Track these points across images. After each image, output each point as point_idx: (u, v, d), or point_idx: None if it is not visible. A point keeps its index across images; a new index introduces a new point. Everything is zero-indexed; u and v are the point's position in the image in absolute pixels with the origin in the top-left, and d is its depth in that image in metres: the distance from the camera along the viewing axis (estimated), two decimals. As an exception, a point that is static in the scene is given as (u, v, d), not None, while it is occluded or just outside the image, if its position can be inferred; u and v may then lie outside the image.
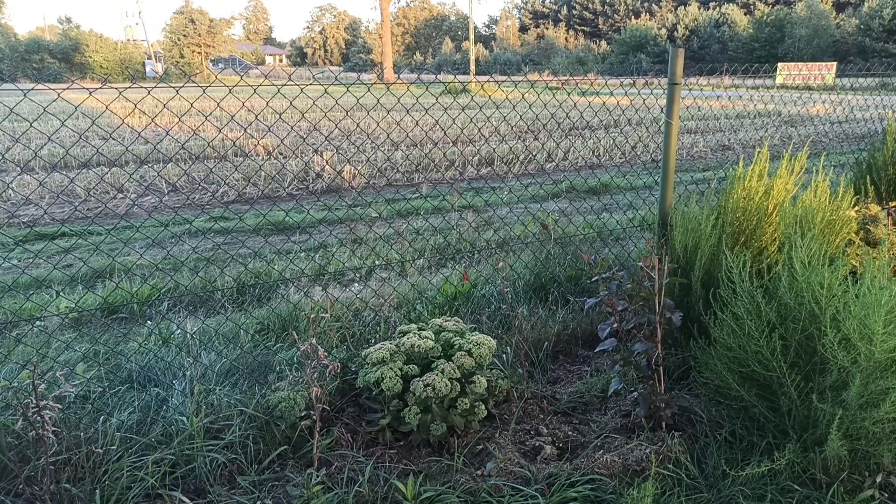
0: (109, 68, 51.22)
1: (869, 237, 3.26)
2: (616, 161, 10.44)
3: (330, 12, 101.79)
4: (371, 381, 2.62)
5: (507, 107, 5.47)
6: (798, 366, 2.37)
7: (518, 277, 4.09)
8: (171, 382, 2.89)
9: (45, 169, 9.23)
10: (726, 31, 55.46)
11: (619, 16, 71.88)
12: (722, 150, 11.84)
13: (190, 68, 53.18)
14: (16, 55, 51.47)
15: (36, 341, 3.52)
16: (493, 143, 11.50)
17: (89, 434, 2.45)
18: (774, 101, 19.14)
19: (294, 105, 3.41)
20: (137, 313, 4.15)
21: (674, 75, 3.34)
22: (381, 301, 3.73)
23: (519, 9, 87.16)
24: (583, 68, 51.60)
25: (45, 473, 2.17)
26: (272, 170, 9.38)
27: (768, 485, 2.28)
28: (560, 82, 18.76)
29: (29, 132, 12.43)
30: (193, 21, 67.81)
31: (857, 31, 47.20)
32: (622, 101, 4.79)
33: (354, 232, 5.92)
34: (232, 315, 4.07)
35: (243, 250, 5.55)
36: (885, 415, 2.12)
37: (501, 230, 6.05)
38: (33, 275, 4.95)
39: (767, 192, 3.09)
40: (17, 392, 2.36)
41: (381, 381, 2.58)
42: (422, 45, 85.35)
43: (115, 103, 13.87)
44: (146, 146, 10.61)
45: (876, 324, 2.08)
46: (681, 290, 3.11)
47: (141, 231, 5.91)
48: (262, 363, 3.14)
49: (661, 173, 3.53)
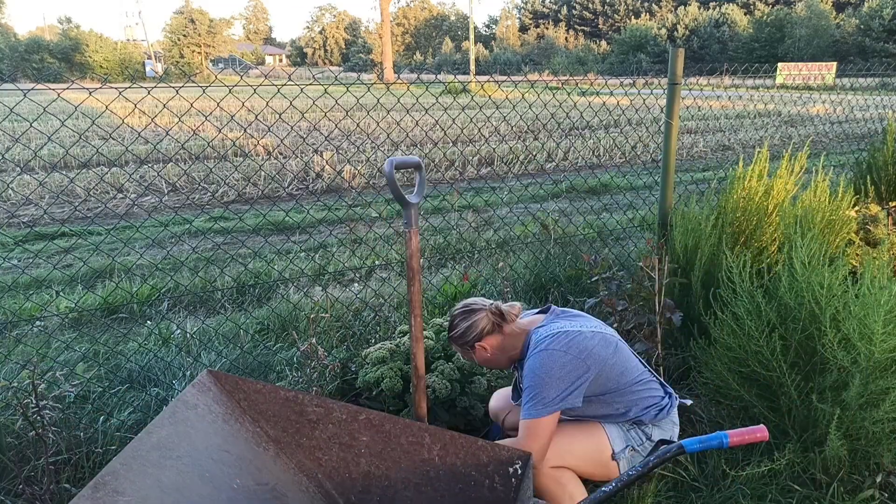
0: (109, 68, 51.23)
1: (869, 237, 3.26)
2: (616, 161, 10.44)
3: (330, 12, 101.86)
4: (371, 380, 2.62)
5: (507, 107, 5.47)
6: (798, 366, 2.37)
7: (518, 277, 4.09)
8: (171, 382, 2.89)
9: (44, 169, 9.23)
10: (726, 31, 55.47)
11: (619, 16, 71.90)
12: (722, 150, 11.84)
13: (190, 68, 53.20)
14: (16, 55, 51.48)
15: (36, 341, 3.52)
16: (493, 143, 11.50)
17: (89, 434, 2.45)
18: (774, 101, 19.14)
19: (294, 105, 3.41)
20: (137, 313, 4.15)
21: (674, 75, 3.34)
22: (381, 301, 3.73)
23: (519, 9, 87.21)
24: (583, 68, 51.59)
25: (45, 473, 2.18)
26: (272, 170, 9.38)
27: (768, 485, 2.29)
28: (560, 82, 18.74)
29: (29, 132, 12.43)
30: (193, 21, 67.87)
31: (857, 31, 47.20)
32: (622, 101, 4.79)
33: (354, 232, 5.92)
34: (232, 315, 4.07)
35: (243, 250, 5.55)
36: (884, 415, 2.12)
37: (501, 230, 6.05)
38: (33, 275, 4.94)
39: (767, 192, 3.09)
40: (17, 392, 2.36)
41: (381, 381, 2.58)
42: (422, 45, 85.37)
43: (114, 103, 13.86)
44: (146, 146, 10.60)
45: (876, 324, 2.08)
46: (681, 290, 3.12)
47: (141, 231, 5.91)
48: (261, 363, 3.14)
49: (661, 173, 3.52)
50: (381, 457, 1.88)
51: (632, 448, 2.01)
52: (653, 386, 2.07)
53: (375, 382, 2.60)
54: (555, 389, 1.88)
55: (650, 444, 2.02)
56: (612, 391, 1.99)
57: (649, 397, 2.04)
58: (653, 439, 2.03)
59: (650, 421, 2.04)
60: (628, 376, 2.00)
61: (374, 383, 2.61)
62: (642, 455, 2.01)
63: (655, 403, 2.04)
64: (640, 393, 2.02)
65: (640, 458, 2.01)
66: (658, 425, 2.06)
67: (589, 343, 1.95)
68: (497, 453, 1.81)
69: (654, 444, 2.02)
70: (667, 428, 2.07)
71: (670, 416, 2.08)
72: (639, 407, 2.02)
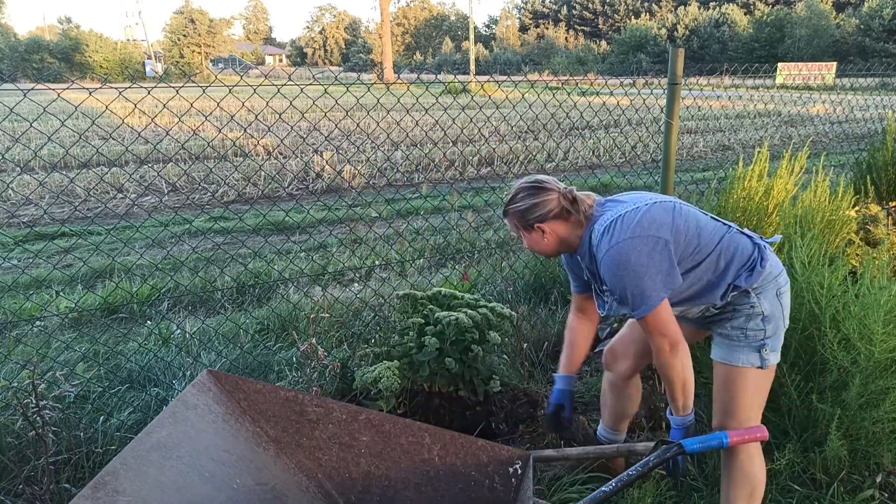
0: (109, 68, 51.21)
1: (869, 237, 3.26)
2: (616, 161, 10.44)
3: (330, 12, 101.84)
4: (368, 380, 2.61)
5: (507, 107, 5.45)
6: (798, 366, 2.37)
7: (518, 277, 4.09)
8: (171, 382, 2.89)
9: (44, 169, 9.23)
10: (726, 31, 55.46)
11: (619, 16, 71.89)
12: (722, 150, 11.84)
13: (190, 68, 53.20)
14: (16, 55, 51.47)
15: (36, 341, 3.52)
16: (493, 143, 11.50)
17: (89, 434, 2.45)
18: (774, 101, 19.14)
19: (294, 105, 3.41)
20: (137, 313, 4.15)
21: (674, 75, 3.34)
22: (381, 301, 3.73)
23: (519, 9, 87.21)
24: (583, 68, 51.57)
25: (45, 473, 2.17)
26: (272, 170, 9.38)
27: (768, 485, 2.28)
28: (560, 82, 18.74)
29: (29, 132, 12.43)
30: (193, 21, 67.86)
31: (857, 31, 47.20)
32: (622, 101, 4.78)
33: (354, 232, 5.92)
34: (232, 315, 4.07)
35: (243, 250, 5.55)
36: (884, 415, 2.12)
37: (501, 230, 6.05)
38: (33, 275, 4.94)
39: (767, 192, 3.09)
40: (17, 392, 2.36)
41: (379, 381, 2.58)
42: (422, 45, 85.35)
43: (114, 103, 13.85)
44: (146, 146, 10.60)
45: (876, 324, 2.08)
46: (681, 290, 3.11)
47: (141, 231, 5.91)
48: (261, 363, 3.14)
49: (661, 173, 3.53)
50: (381, 457, 1.88)
51: (762, 344, 1.86)
52: (736, 237, 1.89)
53: (373, 382, 2.60)
54: (649, 278, 1.75)
55: (762, 320, 1.86)
56: (696, 251, 1.84)
57: (738, 247, 1.87)
58: (764, 312, 1.85)
59: (749, 286, 1.85)
60: (705, 232, 1.86)
61: (372, 382, 2.60)
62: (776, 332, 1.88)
63: (748, 255, 1.86)
64: (725, 244, 1.86)
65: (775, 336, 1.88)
66: (760, 291, 1.86)
67: (647, 216, 1.80)
68: (497, 453, 1.81)
69: (765, 318, 1.86)
70: (768, 289, 1.86)
71: (766, 270, 1.87)
72: (733, 263, 1.84)
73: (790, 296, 1.94)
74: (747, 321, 1.86)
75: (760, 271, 1.85)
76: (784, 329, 1.91)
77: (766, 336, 1.86)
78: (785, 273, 1.92)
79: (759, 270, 1.85)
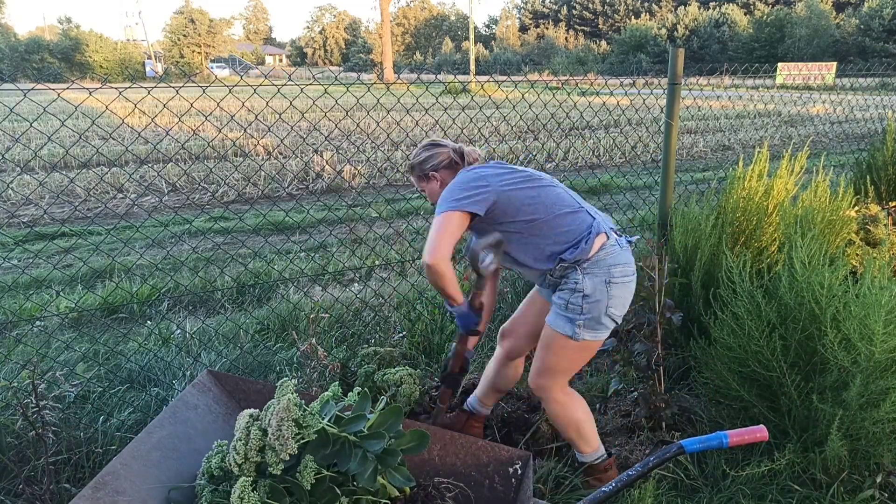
0: (109, 68, 51.23)
1: (869, 237, 3.26)
2: (616, 161, 10.44)
3: (330, 12, 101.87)
4: (389, 382, 2.61)
5: (507, 107, 5.45)
6: (798, 366, 2.37)
7: (518, 277, 4.09)
8: (171, 382, 2.90)
9: (44, 169, 9.23)
10: (726, 31, 55.46)
11: (619, 16, 71.89)
12: (722, 150, 11.84)
13: (190, 68, 53.18)
14: (16, 55, 51.47)
15: (36, 341, 3.52)
16: (493, 143, 11.50)
17: (89, 434, 2.45)
18: (774, 101, 19.13)
19: (294, 105, 3.41)
20: (137, 313, 4.15)
21: (674, 75, 3.34)
22: (381, 301, 3.73)
23: (519, 9, 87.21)
24: (583, 68, 51.54)
25: (45, 473, 2.17)
26: (272, 170, 9.38)
27: (768, 485, 2.29)
28: (560, 82, 18.75)
29: (29, 132, 12.43)
30: (193, 21, 67.86)
31: (857, 31, 47.20)
32: (622, 101, 4.79)
33: (354, 232, 5.92)
34: (232, 315, 4.07)
35: (243, 250, 5.55)
36: (885, 415, 2.12)
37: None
38: (33, 275, 4.94)
39: (767, 192, 3.09)
40: (17, 392, 2.36)
41: (400, 385, 2.58)
42: (422, 45, 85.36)
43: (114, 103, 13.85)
44: (146, 146, 10.60)
45: (876, 324, 2.08)
46: (681, 290, 3.11)
47: (141, 231, 5.91)
48: (261, 363, 3.14)
49: (661, 173, 3.52)
50: (381, 457, 1.88)
51: (577, 318, 2.05)
52: (580, 217, 2.10)
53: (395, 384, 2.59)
54: (456, 194, 2.05)
55: (581, 297, 2.03)
56: (532, 209, 2.06)
57: (575, 224, 2.08)
58: (585, 290, 2.03)
59: (572, 260, 2.04)
60: (553, 202, 2.09)
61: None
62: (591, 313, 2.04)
63: (579, 233, 2.06)
64: (565, 218, 2.08)
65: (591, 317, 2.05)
66: (588, 271, 2.04)
67: (490, 171, 2.12)
68: (497, 453, 1.81)
69: (585, 296, 2.03)
70: (597, 275, 2.04)
71: (592, 251, 2.05)
72: (564, 237, 2.06)
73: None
74: (570, 294, 2.07)
75: (585, 249, 2.04)
76: (608, 319, 2.08)
77: (583, 313, 2.05)
78: (627, 269, 2.09)
79: (584, 248, 2.04)
